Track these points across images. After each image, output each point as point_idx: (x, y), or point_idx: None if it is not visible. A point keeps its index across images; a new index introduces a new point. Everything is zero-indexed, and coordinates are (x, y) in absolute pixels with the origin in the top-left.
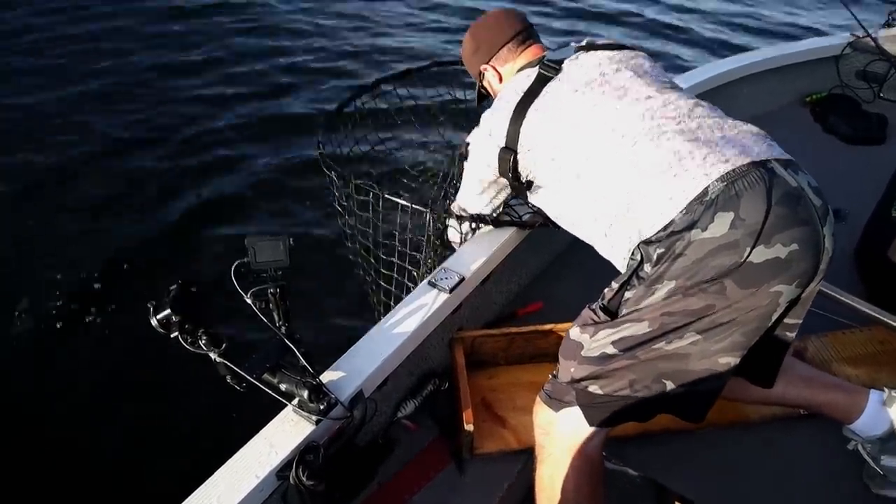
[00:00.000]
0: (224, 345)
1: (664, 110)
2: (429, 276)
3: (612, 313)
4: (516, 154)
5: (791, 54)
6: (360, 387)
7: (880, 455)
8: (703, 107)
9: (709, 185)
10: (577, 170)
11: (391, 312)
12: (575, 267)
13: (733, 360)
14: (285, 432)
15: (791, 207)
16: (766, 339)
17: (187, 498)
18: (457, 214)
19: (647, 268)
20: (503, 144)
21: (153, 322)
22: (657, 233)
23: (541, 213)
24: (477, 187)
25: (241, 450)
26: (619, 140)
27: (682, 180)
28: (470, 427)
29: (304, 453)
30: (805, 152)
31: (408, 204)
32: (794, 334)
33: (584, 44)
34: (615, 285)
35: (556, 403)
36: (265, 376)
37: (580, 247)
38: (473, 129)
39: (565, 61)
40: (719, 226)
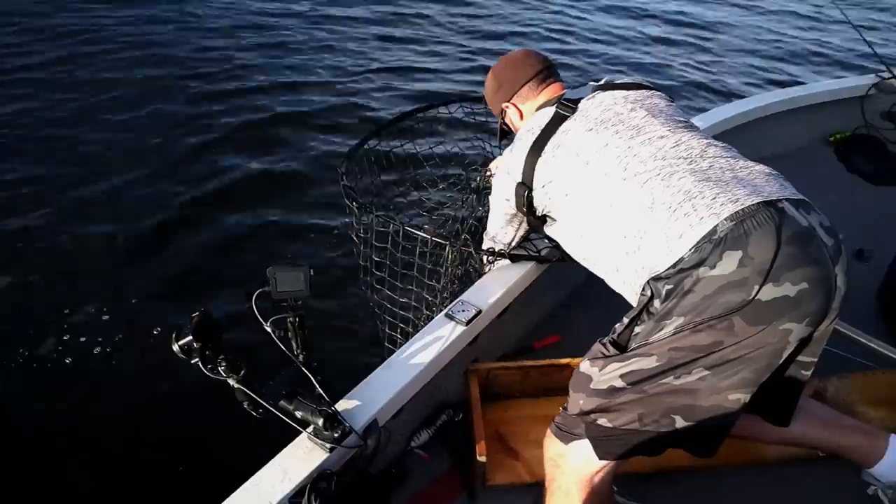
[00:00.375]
0: (243, 371)
1: (676, 150)
2: (446, 309)
3: (622, 347)
4: (531, 190)
5: (815, 94)
6: (375, 416)
7: None
8: (717, 146)
9: (717, 224)
10: (590, 207)
11: (407, 343)
12: (593, 301)
13: (743, 397)
14: (299, 459)
15: (801, 247)
16: (781, 377)
17: None
18: (475, 248)
19: (657, 303)
20: (519, 180)
21: (175, 347)
22: (666, 269)
23: (558, 247)
24: (501, 219)
25: (254, 475)
26: (630, 178)
27: (691, 219)
28: (483, 458)
29: (318, 481)
30: (828, 192)
31: (428, 236)
32: (809, 372)
33: (602, 82)
34: (626, 320)
35: (566, 436)
36: (281, 403)
37: (598, 281)
38: (490, 162)
39: (582, 100)
40: (728, 264)
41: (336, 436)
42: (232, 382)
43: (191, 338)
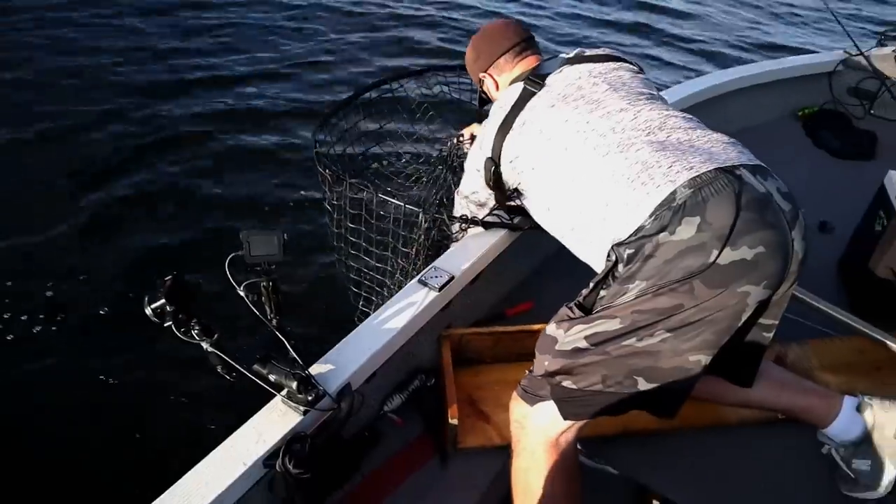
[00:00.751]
0: (216, 335)
1: (635, 122)
2: (419, 275)
3: (588, 310)
4: (499, 166)
5: (784, 69)
6: (348, 380)
7: (852, 458)
8: (676, 117)
9: (675, 191)
10: (555, 181)
11: (381, 308)
12: (565, 269)
13: (704, 359)
14: (273, 422)
15: (758, 212)
16: (742, 339)
17: (175, 483)
18: (448, 215)
19: (621, 268)
20: (489, 155)
21: (147, 311)
22: (628, 237)
23: (529, 217)
24: (474, 186)
25: (229, 438)
26: (590, 152)
27: (648, 188)
28: (455, 421)
29: (291, 443)
30: (795, 165)
31: (401, 203)
32: (769, 335)
33: (572, 55)
34: (591, 284)
35: (532, 398)
36: (255, 367)
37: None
38: (462, 129)
39: (549, 75)
40: (686, 230)
41: (310, 399)
42: (205, 346)
43: (164, 301)
